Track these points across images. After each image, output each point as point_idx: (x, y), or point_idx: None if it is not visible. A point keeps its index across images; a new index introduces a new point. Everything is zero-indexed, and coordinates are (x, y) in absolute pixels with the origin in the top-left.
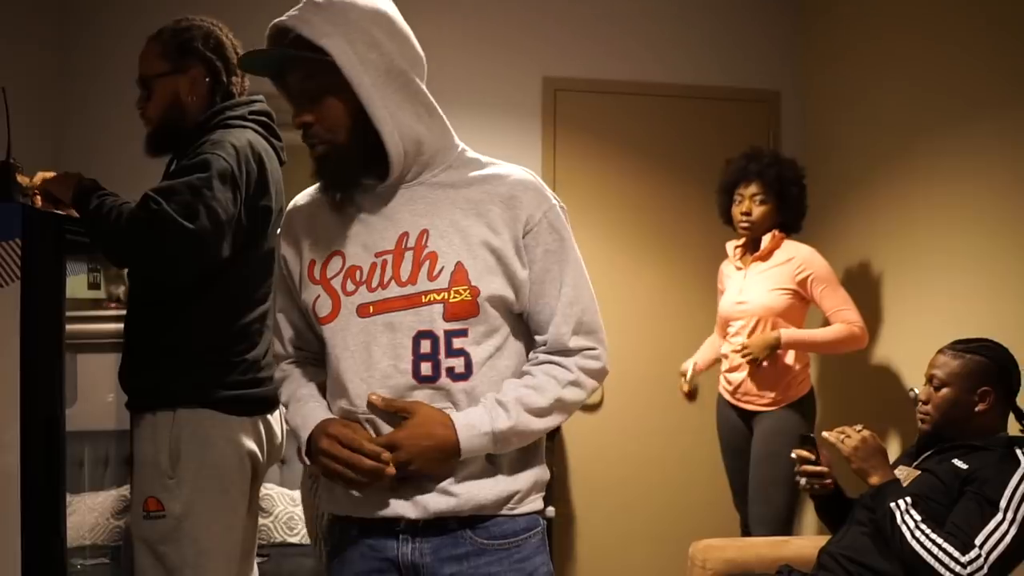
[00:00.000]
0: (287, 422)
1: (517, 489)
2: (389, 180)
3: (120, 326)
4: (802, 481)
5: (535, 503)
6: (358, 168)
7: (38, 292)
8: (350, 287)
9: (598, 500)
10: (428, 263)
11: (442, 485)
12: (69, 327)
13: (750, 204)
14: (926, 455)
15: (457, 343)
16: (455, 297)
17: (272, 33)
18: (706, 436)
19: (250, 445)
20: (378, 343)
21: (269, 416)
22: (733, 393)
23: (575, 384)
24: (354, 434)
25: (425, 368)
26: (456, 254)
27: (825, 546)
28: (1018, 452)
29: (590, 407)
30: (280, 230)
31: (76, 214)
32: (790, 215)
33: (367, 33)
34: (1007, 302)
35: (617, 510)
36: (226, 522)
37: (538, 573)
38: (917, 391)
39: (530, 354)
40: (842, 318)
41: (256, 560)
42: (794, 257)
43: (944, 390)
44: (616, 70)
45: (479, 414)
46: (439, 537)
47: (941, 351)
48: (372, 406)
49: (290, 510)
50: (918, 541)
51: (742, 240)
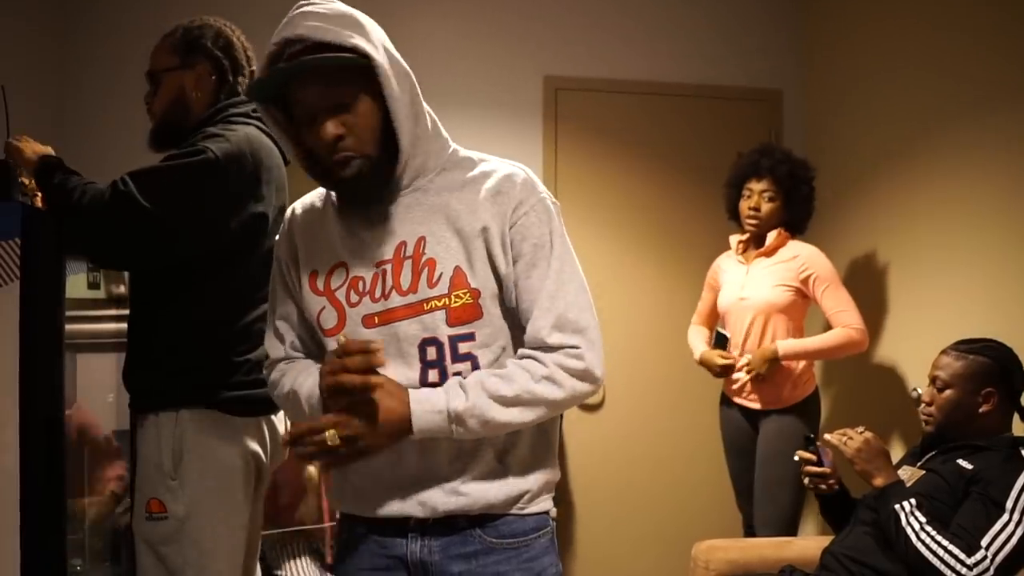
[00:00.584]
0: (294, 403)
1: (527, 489)
2: (388, 188)
3: (120, 326)
4: (806, 481)
5: (545, 503)
6: (385, 181)
7: (38, 292)
8: (354, 298)
9: (599, 500)
10: (427, 270)
11: (451, 485)
12: (69, 327)
13: (759, 200)
14: (930, 455)
15: (464, 347)
16: (456, 301)
17: (274, 52)
18: (709, 436)
19: (253, 446)
20: (385, 353)
21: (273, 416)
22: (737, 392)
23: (549, 380)
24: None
25: (432, 375)
26: (454, 258)
27: (828, 546)
28: (1023, 452)
29: (591, 407)
30: (278, 235)
31: (32, 185)
32: (797, 214)
33: (379, 35)
34: (1011, 299)
35: (619, 511)
36: (230, 523)
37: (546, 573)
38: (920, 391)
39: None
40: (842, 320)
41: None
42: (799, 255)
43: (947, 391)
44: (617, 69)
45: (437, 393)
46: (448, 535)
47: (944, 352)
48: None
49: None
50: (923, 543)
51: (746, 235)
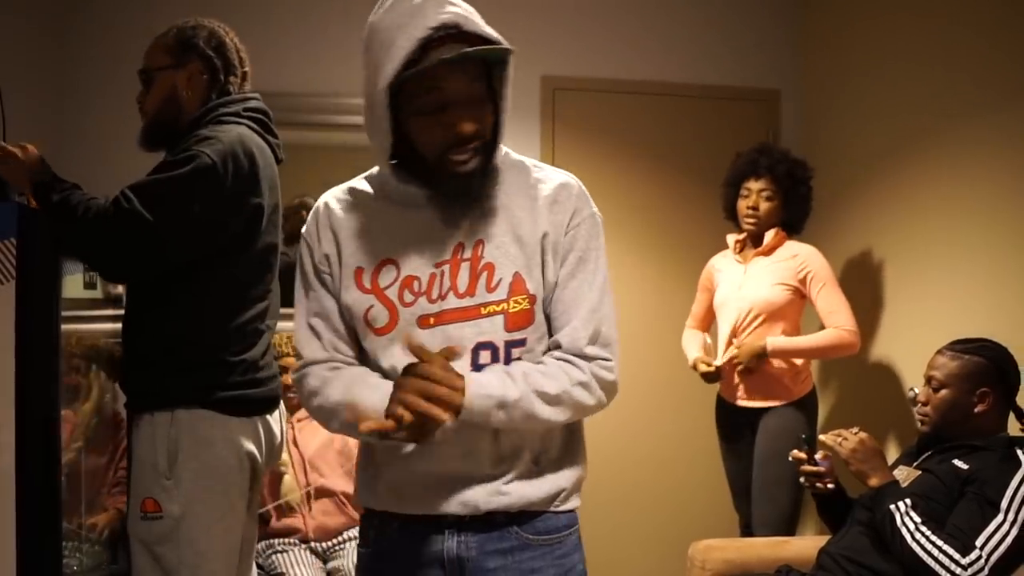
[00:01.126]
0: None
1: (564, 486)
2: (428, 191)
3: (117, 326)
4: (802, 480)
5: (575, 500)
6: (488, 178)
7: (33, 292)
8: (408, 298)
9: (597, 500)
10: (486, 274)
11: (494, 485)
12: (65, 327)
13: (757, 199)
14: (926, 455)
15: (516, 352)
16: (515, 307)
17: (427, 36)
18: (705, 436)
19: (249, 446)
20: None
21: (268, 417)
22: (734, 393)
23: (585, 386)
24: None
25: None
26: (513, 264)
27: (825, 546)
28: (1019, 452)
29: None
30: (307, 228)
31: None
32: (795, 214)
33: None
34: (1008, 298)
35: (616, 510)
36: (225, 523)
37: (575, 570)
38: (917, 391)
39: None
40: (834, 321)
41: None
42: (797, 255)
43: (943, 391)
44: (615, 69)
45: (491, 379)
46: (486, 532)
47: (940, 352)
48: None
49: None
50: (918, 543)
51: (743, 235)
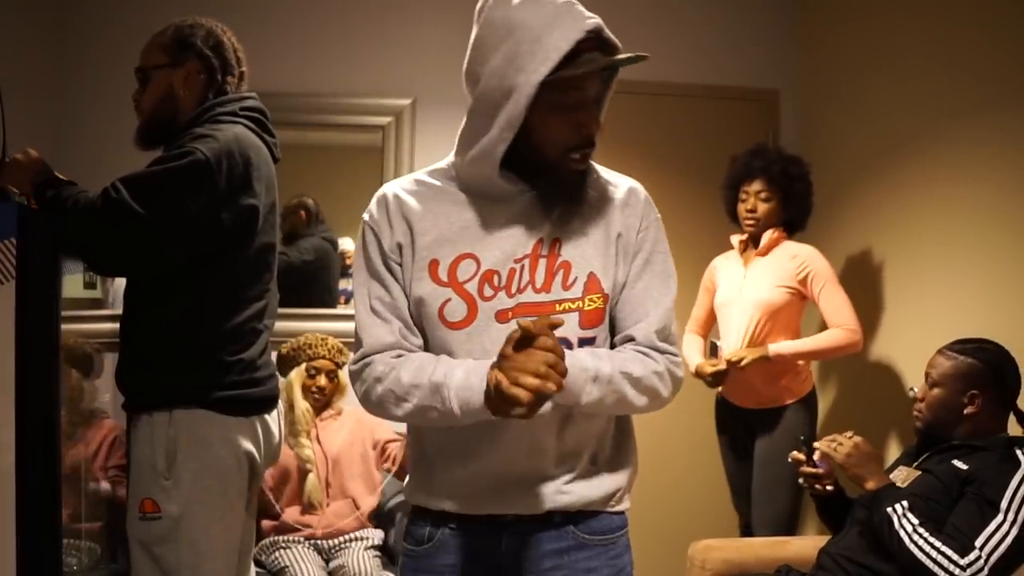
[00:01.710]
0: (434, 391)
1: (620, 485)
2: (518, 189)
3: (116, 326)
4: (801, 481)
5: (628, 501)
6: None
7: (33, 292)
8: (488, 292)
9: None
10: (562, 272)
11: (556, 484)
12: (65, 327)
13: (755, 201)
14: (926, 455)
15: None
16: (590, 305)
17: (586, 39)
18: (705, 436)
19: (247, 446)
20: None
21: (267, 416)
22: (734, 393)
23: (661, 377)
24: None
25: None
26: (588, 263)
27: (825, 546)
28: (1018, 453)
29: None
30: (374, 217)
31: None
32: (795, 212)
33: None
34: (1008, 298)
35: None
36: (224, 523)
37: (625, 572)
38: (917, 390)
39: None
40: (836, 320)
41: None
42: (797, 255)
43: (935, 390)
44: None
45: (581, 354)
46: (543, 531)
47: (940, 351)
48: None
49: None
50: (916, 545)
51: (745, 236)
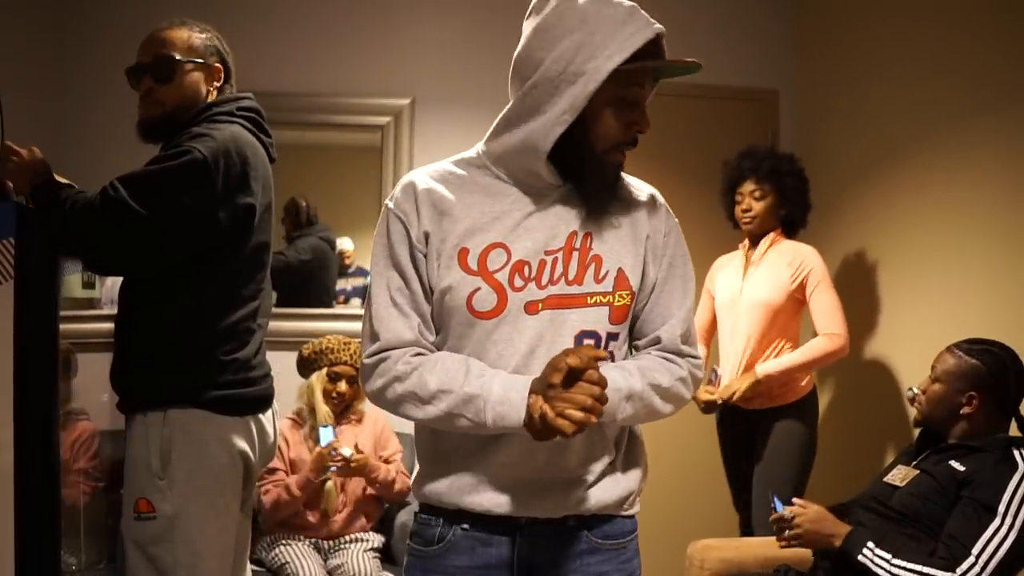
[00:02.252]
0: (472, 402)
1: (633, 489)
2: (555, 181)
3: (98, 326)
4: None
5: (638, 505)
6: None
7: (32, 291)
8: (518, 282)
9: None
10: (594, 265)
11: (574, 487)
12: (63, 327)
13: (749, 201)
14: (924, 455)
15: (612, 346)
16: (619, 301)
17: (651, 40)
18: (705, 436)
19: (242, 445)
20: (540, 339)
21: (261, 416)
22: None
23: (684, 382)
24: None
25: None
26: (618, 259)
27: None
28: (1016, 454)
29: None
30: (399, 205)
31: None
32: (793, 209)
33: None
34: (1005, 299)
35: None
36: (219, 523)
37: (636, 575)
38: (915, 391)
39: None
40: (821, 325)
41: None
42: (797, 256)
43: (936, 385)
44: None
45: (611, 372)
46: (557, 535)
47: (949, 347)
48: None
49: None
50: None
51: (747, 239)
